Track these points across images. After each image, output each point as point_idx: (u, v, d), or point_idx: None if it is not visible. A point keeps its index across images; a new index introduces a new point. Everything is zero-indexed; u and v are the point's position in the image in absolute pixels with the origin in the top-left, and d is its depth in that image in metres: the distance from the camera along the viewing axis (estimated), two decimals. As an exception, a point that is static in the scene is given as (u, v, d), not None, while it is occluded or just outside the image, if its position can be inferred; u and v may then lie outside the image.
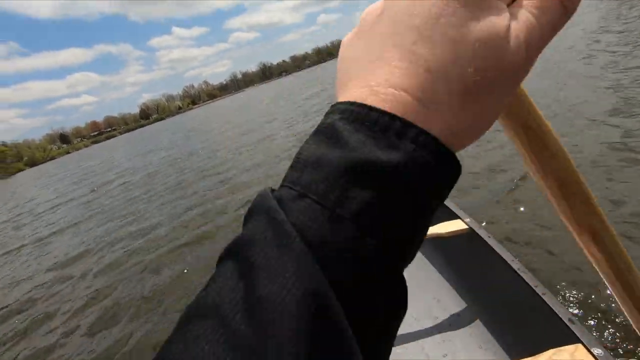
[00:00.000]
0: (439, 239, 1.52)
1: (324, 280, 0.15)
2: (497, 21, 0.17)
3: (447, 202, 1.65)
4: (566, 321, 0.95)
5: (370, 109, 0.17)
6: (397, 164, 0.16)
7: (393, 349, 1.27)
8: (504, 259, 1.23)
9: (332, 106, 0.19)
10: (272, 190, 0.18)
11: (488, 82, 0.17)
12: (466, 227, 1.47)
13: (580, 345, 0.87)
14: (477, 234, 1.41)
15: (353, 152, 0.16)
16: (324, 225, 0.15)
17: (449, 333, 1.38)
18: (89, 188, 11.47)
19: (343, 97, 0.19)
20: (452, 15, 0.17)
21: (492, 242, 1.34)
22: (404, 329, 1.46)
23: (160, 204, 5.73)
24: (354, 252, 0.15)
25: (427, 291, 1.63)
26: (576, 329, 0.92)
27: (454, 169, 0.17)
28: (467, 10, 0.17)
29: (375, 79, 0.18)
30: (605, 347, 0.86)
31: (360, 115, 0.17)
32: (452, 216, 1.57)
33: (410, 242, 0.17)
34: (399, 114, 0.17)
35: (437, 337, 1.38)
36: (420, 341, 1.39)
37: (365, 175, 0.16)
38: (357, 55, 0.20)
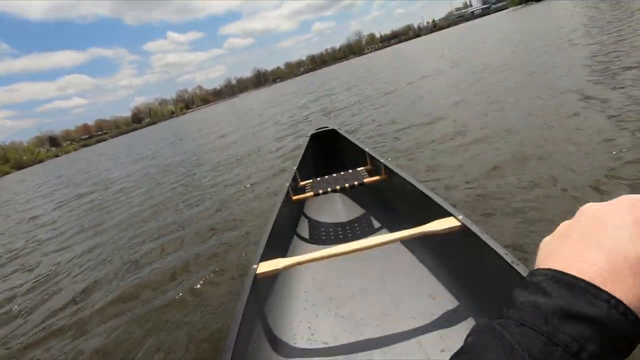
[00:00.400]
0: (433, 236, 1.48)
1: None
2: None
3: (439, 200, 1.64)
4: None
5: (570, 276, 0.24)
6: (596, 317, 0.22)
7: (391, 347, 1.41)
8: (498, 253, 1.21)
9: (534, 270, 0.27)
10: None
11: None
12: (459, 223, 1.44)
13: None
14: (471, 230, 1.38)
15: (561, 302, 0.23)
16: (542, 347, 0.21)
17: (446, 330, 1.41)
18: (55, 204, 10.24)
19: (541, 265, 0.27)
20: (627, 225, 0.25)
21: (485, 237, 1.31)
22: (401, 327, 1.48)
23: (121, 242, 4.57)
24: None
25: (423, 289, 1.65)
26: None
27: (638, 331, 0.22)
28: (639, 225, 0.25)
29: (570, 257, 0.25)
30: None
31: (562, 279, 0.24)
32: (445, 214, 1.53)
33: None
34: (591, 281, 0.23)
35: (435, 334, 1.41)
36: (417, 338, 1.42)
37: (572, 319, 0.22)
38: (555, 247, 0.28)
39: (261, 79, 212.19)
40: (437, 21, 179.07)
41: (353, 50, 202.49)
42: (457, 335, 1.38)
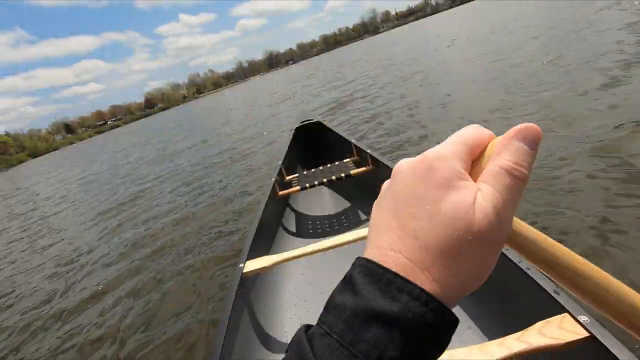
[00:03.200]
0: None
1: None
2: (463, 197, 0.22)
3: None
4: (552, 293, 0.95)
5: (379, 266, 0.22)
6: (397, 313, 0.20)
7: None
8: None
9: (356, 259, 0.24)
10: (308, 327, 0.24)
11: (461, 246, 0.21)
12: None
13: (567, 315, 0.88)
14: None
15: (364, 301, 0.21)
16: None
17: None
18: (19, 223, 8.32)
19: (366, 254, 0.24)
20: (427, 195, 0.23)
21: None
22: None
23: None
24: None
25: None
26: (562, 299, 0.92)
27: (445, 319, 0.21)
28: (438, 190, 0.22)
29: (383, 242, 0.24)
30: (590, 314, 0.85)
31: (372, 271, 0.22)
32: None
33: None
34: (399, 272, 0.21)
35: None
36: None
37: (373, 320, 0.20)
38: (375, 221, 0.26)
39: (273, 61, 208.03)
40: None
41: (367, 29, 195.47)
42: None
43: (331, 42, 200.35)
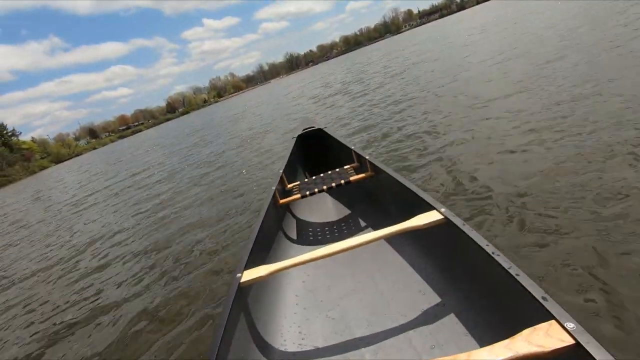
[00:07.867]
0: (418, 231, 1.47)
1: None
2: None
3: (422, 194, 1.63)
4: (540, 299, 0.93)
5: None
6: None
7: (381, 346, 1.39)
8: (479, 244, 1.19)
9: None
10: None
11: None
12: (442, 217, 1.43)
13: (553, 322, 0.87)
14: (453, 222, 1.37)
15: None
16: None
17: (435, 325, 1.37)
18: None
19: None
20: None
21: (466, 229, 1.30)
22: (391, 325, 1.44)
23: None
24: None
25: (413, 285, 1.60)
26: (549, 306, 0.90)
27: None
28: None
29: None
30: (577, 321, 0.84)
31: None
32: (428, 208, 1.52)
33: None
34: None
35: (424, 330, 1.37)
36: (408, 336, 1.38)
37: None
38: None
39: (293, 64, 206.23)
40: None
41: (389, 28, 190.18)
42: (447, 331, 1.33)
43: (352, 43, 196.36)
